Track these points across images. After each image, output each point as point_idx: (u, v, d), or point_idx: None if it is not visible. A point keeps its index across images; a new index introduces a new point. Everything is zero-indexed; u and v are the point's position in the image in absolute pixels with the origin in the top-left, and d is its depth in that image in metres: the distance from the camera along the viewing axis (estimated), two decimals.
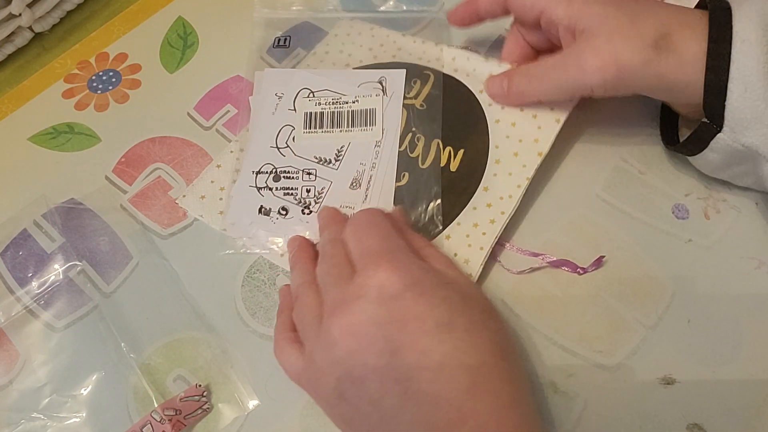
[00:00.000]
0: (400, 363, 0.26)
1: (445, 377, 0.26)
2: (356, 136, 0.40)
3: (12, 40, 0.48)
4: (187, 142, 0.43)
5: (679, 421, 0.31)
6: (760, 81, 0.29)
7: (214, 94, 0.45)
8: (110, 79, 0.47)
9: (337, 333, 0.27)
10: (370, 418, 0.27)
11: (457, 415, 0.25)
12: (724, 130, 0.31)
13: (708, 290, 0.34)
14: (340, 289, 0.29)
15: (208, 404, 0.34)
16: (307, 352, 0.30)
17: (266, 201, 0.39)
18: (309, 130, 0.40)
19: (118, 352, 0.36)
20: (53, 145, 0.44)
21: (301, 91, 0.41)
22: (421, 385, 0.26)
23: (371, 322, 0.27)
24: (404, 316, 0.27)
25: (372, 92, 0.41)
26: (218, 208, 0.39)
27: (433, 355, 0.26)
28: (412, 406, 0.26)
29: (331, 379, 0.28)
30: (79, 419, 0.35)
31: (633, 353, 0.33)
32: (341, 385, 0.27)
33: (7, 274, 0.38)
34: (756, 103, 0.29)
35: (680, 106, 0.36)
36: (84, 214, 0.41)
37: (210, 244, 0.39)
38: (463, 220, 0.36)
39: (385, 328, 0.26)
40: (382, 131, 0.40)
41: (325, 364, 0.28)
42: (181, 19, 0.49)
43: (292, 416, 0.34)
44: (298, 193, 0.38)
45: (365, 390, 0.27)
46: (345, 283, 0.29)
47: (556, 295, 0.35)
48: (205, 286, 0.38)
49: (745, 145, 0.30)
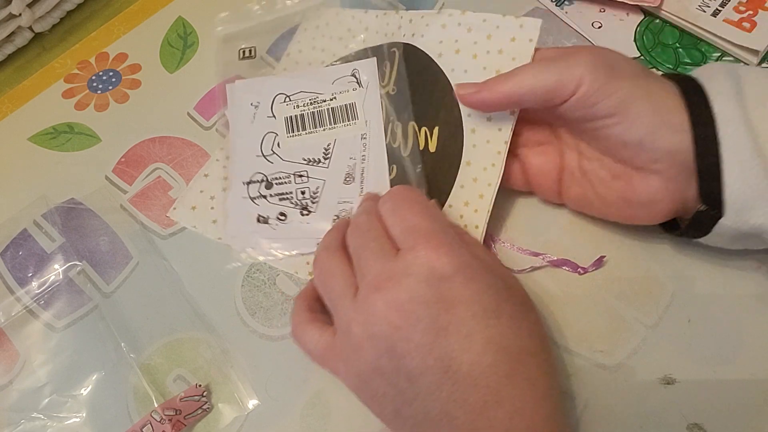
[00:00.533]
0: (444, 343, 0.26)
1: (487, 361, 0.26)
2: (341, 132, 0.39)
3: (12, 40, 0.48)
4: (187, 142, 0.43)
5: (679, 420, 0.31)
6: (754, 159, 0.28)
7: (214, 94, 0.45)
8: (110, 79, 0.47)
9: (382, 308, 0.27)
10: (405, 394, 0.27)
11: (495, 397, 0.26)
12: (726, 214, 0.29)
13: (708, 290, 0.34)
14: (383, 263, 0.29)
15: (208, 404, 0.34)
16: (339, 325, 0.30)
17: (262, 209, 0.39)
18: (292, 133, 0.40)
19: (118, 352, 0.36)
20: (53, 145, 0.44)
21: (277, 97, 0.41)
22: (462, 366, 0.26)
23: (419, 301, 0.27)
24: (453, 299, 0.27)
25: (348, 87, 0.40)
26: (211, 217, 0.40)
27: (478, 338, 0.26)
28: (451, 384, 0.26)
29: (370, 353, 0.28)
30: (79, 419, 0.35)
31: (633, 353, 0.33)
32: (380, 360, 0.27)
33: (7, 274, 0.39)
34: (757, 181, 0.28)
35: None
36: (84, 214, 0.41)
37: (210, 245, 0.39)
38: (453, 202, 0.36)
39: (433, 308, 0.27)
40: (366, 123, 0.39)
41: (365, 338, 0.28)
42: (181, 19, 0.49)
43: (292, 416, 0.34)
44: (293, 197, 0.38)
45: (405, 365, 0.27)
46: (388, 258, 0.29)
47: (557, 295, 0.35)
48: (205, 286, 0.38)
49: (753, 227, 0.29)
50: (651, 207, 0.32)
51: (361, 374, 0.29)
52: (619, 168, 0.32)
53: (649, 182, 0.31)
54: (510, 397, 0.26)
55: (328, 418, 0.34)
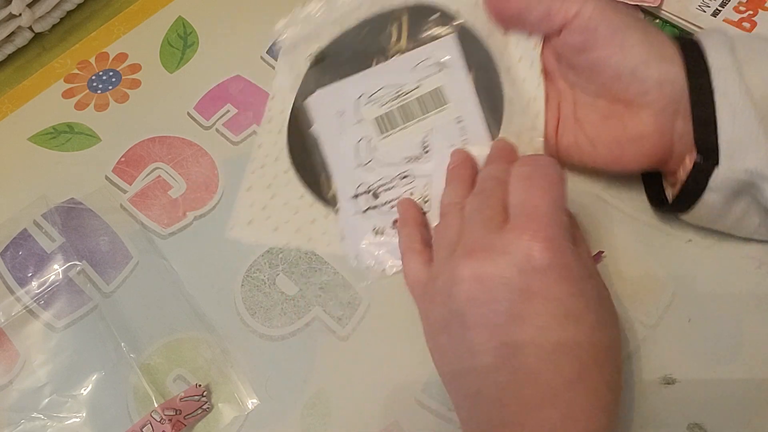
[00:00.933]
0: (516, 330, 0.26)
1: (554, 360, 0.26)
2: (435, 121, 0.38)
3: (12, 40, 0.48)
4: (187, 141, 0.43)
5: (679, 420, 0.31)
6: (746, 103, 0.29)
7: (214, 94, 0.45)
8: (110, 79, 0.47)
9: (466, 274, 0.28)
10: (463, 362, 0.28)
11: (552, 398, 0.26)
12: (721, 162, 0.30)
13: (709, 290, 0.34)
14: (485, 232, 0.29)
15: (208, 404, 0.34)
16: (434, 269, 0.31)
17: (376, 221, 0.37)
18: (385, 134, 0.38)
19: (118, 352, 0.36)
20: (53, 145, 0.44)
21: (359, 100, 0.39)
22: (527, 358, 0.26)
23: (503, 282, 0.27)
24: (538, 292, 0.27)
25: (430, 71, 0.38)
26: (271, 226, 0.39)
27: (551, 336, 0.26)
28: (509, 373, 0.26)
29: (444, 308, 0.29)
30: (79, 419, 0.35)
31: (633, 353, 0.33)
32: (451, 319, 0.28)
33: (7, 274, 0.38)
34: (749, 125, 0.29)
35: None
36: (84, 214, 0.40)
37: (210, 244, 0.39)
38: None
39: (515, 293, 0.27)
40: (457, 104, 0.38)
41: (444, 292, 0.29)
42: (181, 19, 0.49)
43: (292, 416, 0.34)
44: None
45: (470, 336, 0.27)
46: (492, 229, 0.28)
47: None
48: (205, 285, 0.38)
49: (747, 170, 0.30)
50: (640, 143, 0.33)
51: (432, 323, 0.30)
52: (611, 108, 0.33)
53: (640, 117, 0.32)
54: (567, 402, 0.26)
55: (328, 418, 0.34)
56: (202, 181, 0.41)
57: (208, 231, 0.40)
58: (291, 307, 0.37)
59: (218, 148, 0.42)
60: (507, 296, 0.27)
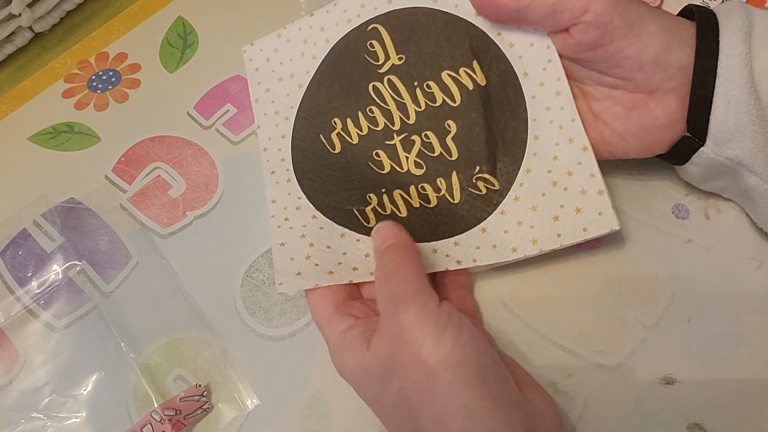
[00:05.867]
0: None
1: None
2: None
3: (12, 40, 0.48)
4: (187, 141, 0.43)
5: (679, 420, 0.31)
6: (743, 95, 0.29)
7: (213, 94, 0.45)
8: (110, 78, 0.47)
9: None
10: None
11: None
12: (707, 143, 0.31)
13: (708, 290, 0.34)
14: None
15: (208, 404, 0.34)
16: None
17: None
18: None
19: (117, 352, 0.36)
20: (53, 145, 0.44)
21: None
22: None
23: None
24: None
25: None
26: (323, 270, 0.34)
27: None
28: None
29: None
30: (79, 419, 0.35)
31: (633, 353, 0.33)
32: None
33: (6, 274, 0.38)
34: (739, 117, 0.29)
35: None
36: (84, 214, 0.40)
37: (209, 244, 0.39)
38: (535, 115, 0.34)
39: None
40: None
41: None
42: (181, 19, 0.49)
43: (292, 416, 0.34)
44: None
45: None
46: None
47: (556, 296, 0.35)
48: (205, 285, 0.38)
49: (729, 158, 0.31)
50: (672, 128, 0.32)
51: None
52: (632, 98, 0.33)
53: (667, 103, 0.32)
54: None
55: (328, 418, 0.34)
56: (201, 180, 0.41)
57: (208, 231, 0.40)
58: (291, 307, 0.37)
59: (218, 148, 0.42)
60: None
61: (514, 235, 0.33)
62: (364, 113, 0.36)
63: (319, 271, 0.34)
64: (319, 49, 0.38)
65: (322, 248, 0.35)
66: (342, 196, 0.36)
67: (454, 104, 0.34)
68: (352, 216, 0.35)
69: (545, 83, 0.34)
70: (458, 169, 0.34)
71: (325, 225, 0.36)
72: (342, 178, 0.36)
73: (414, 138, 0.35)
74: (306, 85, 0.38)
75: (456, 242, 0.34)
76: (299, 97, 0.38)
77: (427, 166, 0.35)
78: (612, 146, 0.34)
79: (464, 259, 0.33)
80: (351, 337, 0.30)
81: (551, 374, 0.33)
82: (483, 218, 0.33)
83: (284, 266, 0.35)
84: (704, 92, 0.30)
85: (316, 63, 0.38)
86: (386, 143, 0.36)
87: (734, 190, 0.34)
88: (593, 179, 0.32)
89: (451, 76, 0.34)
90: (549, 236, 0.32)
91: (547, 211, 0.33)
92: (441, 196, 0.34)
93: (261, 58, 0.40)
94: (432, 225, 0.34)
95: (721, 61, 0.30)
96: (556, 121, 0.33)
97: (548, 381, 0.33)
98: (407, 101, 0.35)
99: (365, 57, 0.36)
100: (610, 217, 0.32)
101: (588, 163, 0.33)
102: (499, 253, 0.33)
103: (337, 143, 0.37)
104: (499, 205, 0.33)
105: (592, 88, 0.34)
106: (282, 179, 0.37)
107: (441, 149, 0.35)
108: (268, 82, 0.39)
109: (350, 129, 0.36)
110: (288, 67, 0.39)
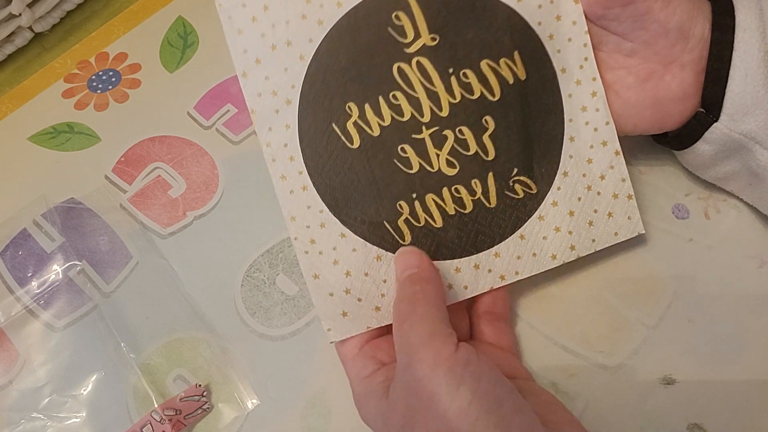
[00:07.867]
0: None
1: None
2: None
3: (12, 40, 0.48)
4: (187, 141, 0.43)
5: (680, 421, 0.31)
6: (761, 68, 0.29)
7: (214, 94, 0.45)
8: (110, 78, 0.47)
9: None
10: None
11: None
12: (721, 118, 0.31)
13: (709, 290, 0.34)
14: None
15: (208, 404, 0.34)
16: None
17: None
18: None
19: (117, 352, 0.36)
20: (53, 145, 0.44)
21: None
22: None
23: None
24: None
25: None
26: (369, 306, 0.31)
27: None
28: None
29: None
30: (79, 419, 0.35)
31: (634, 353, 0.33)
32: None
33: (6, 274, 0.38)
34: (756, 89, 0.30)
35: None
36: (84, 214, 0.40)
37: (209, 244, 0.39)
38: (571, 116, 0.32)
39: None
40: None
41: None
42: (181, 19, 0.49)
43: (292, 416, 0.34)
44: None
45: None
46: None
47: (557, 295, 0.35)
48: (205, 285, 0.38)
49: (742, 133, 0.31)
50: (684, 102, 0.32)
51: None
52: (647, 68, 0.32)
53: (683, 76, 0.32)
54: None
55: (328, 418, 0.34)
56: (202, 180, 0.41)
57: (208, 231, 0.40)
58: (291, 307, 0.37)
59: (218, 148, 0.42)
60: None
61: (552, 242, 0.32)
62: (387, 99, 0.31)
63: (364, 308, 0.31)
64: (327, 13, 0.31)
65: (360, 276, 0.31)
66: (370, 208, 0.31)
67: (494, 98, 0.31)
68: (384, 232, 0.31)
69: (582, 82, 0.32)
70: (495, 170, 0.31)
71: (357, 246, 0.31)
72: (366, 183, 0.31)
73: (446, 133, 0.31)
74: (310, 58, 0.31)
75: (496, 253, 0.31)
76: (302, 73, 0.31)
77: (461, 165, 0.31)
78: (622, 119, 0.33)
79: (507, 273, 0.31)
80: (374, 384, 0.29)
81: (552, 374, 0.33)
82: (520, 224, 0.32)
83: (326, 306, 0.31)
84: (720, 65, 0.30)
85: (322, 30, 0.31)
86: (414, 137, 0.31)
87: (742, 174, 0.33)
88: (623, 183, 0.32)
89: (491, 67, 0.31)
90: (585, 242, 0.32)
91: (583, 216, 0.32)
92: (476, 200, 0.31)
93: (244, 16, 0.31)
94: (470, 235, 0.31)
95: (737, 35, 0.30)
96: (592, 122, 0.32)
97: (549, 381, 0.33)
98: (440, 90, 0.31)
99: (389, 31, 0.30)
100: (637, 221, 0.32)
101: (619, 167, 0.32)
102: (540, 263, 0.31)
103: (355, 136, 0.31)
104: (537, 210, 0.32)
105: (607, 55, 0.33)
106: (296, 186, 0.32)
107: (477, 147, 0.31)
108: (256, 50, 0.31)
109: (369, 118, 0.31)
110: (283, 31, 0.31)
